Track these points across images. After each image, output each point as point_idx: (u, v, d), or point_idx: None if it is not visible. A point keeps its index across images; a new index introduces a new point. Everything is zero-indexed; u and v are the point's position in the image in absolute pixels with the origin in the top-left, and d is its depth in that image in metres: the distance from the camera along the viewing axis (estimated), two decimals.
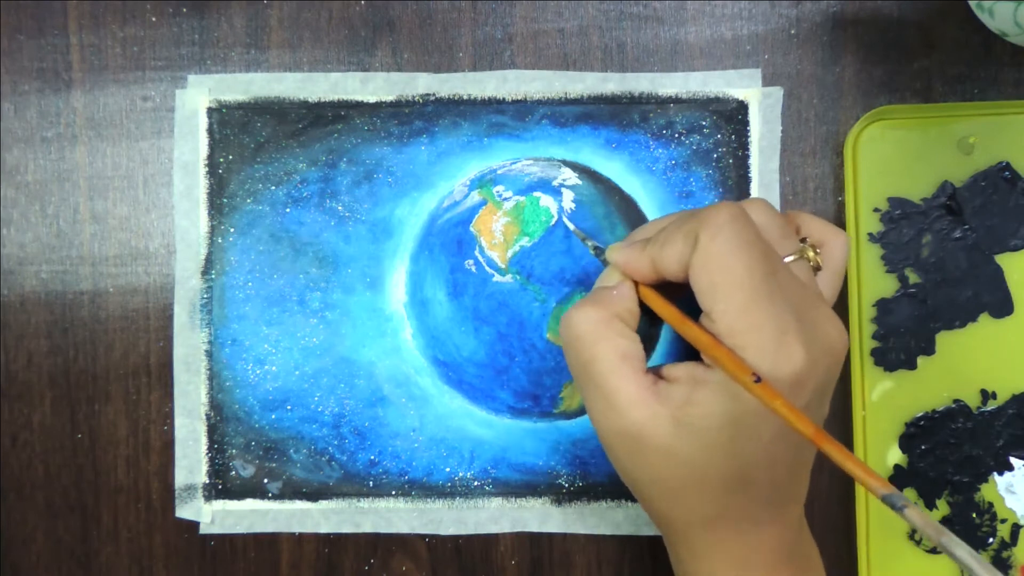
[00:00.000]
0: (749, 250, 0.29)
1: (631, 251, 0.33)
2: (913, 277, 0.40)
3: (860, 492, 0.39)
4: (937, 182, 0.40)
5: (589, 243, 0.38)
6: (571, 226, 0.39)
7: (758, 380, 0.28)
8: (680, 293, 0.32)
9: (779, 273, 0.30)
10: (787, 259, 0.32)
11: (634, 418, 0.30)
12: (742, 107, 0.40)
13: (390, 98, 0.41)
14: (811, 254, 0.33)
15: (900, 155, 0.40)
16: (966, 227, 0.40)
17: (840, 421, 0.40)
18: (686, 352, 0.38)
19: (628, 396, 0.31)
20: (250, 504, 0.41)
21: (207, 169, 0.41)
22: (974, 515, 0.40)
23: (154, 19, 0.41)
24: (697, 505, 0.31)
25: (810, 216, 0.35)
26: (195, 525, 0.41)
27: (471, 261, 0.40)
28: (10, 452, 0.41)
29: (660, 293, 0.33)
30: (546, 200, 0.40)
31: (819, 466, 0.40)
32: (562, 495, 0.41)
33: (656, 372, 0.32)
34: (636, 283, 0.33)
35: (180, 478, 0.41)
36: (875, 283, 0.40)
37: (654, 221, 0.35)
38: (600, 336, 0.31)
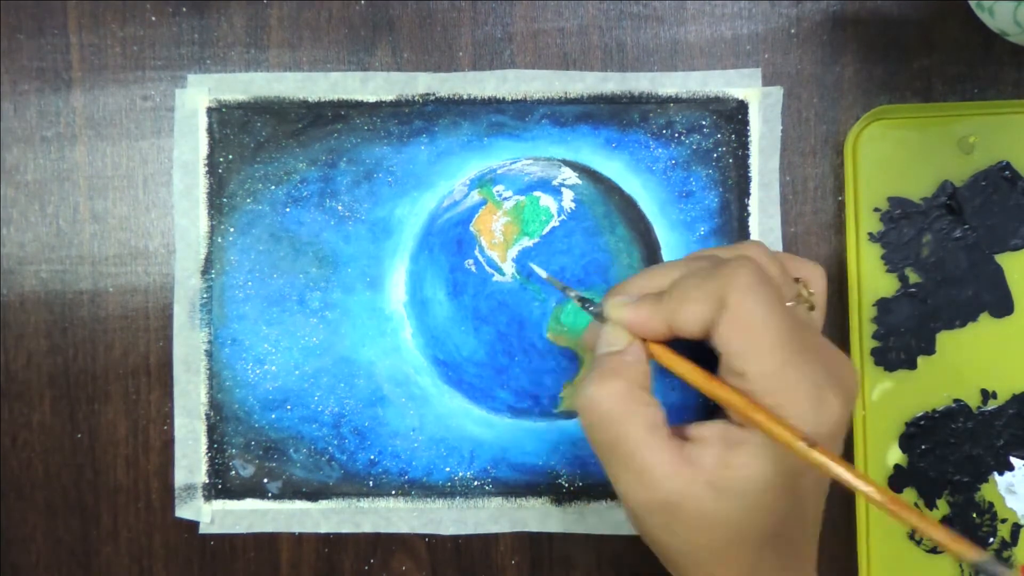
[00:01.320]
0: (779, 310, 0.29)
1: (642, 310, 0.31)
2: (913, 277, 0.40)
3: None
4: (937, 182, 0.40)
5: (572, 293, 0.34)
6: (543, 274, 0.38)
7: (812, 444, 0.28)
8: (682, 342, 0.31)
9: (803, 327, 0.30)
10: (787, 304, 0.31)
11: (669, 489, 0.29)
12: (742, 106, 0.40)
13: (390, 98, 0.41)
14: (805, 294, 0.33)
15: (900, 155, 0.40)
16: (966, 227, 0.40)
17: None
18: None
19: (662, 469, 0.29)
20: (250, 504, 0.41)
21: (207, 169, 0.41)
22: (974, 515, 0.40)
23: (154, 19, 0.41)
24: (733, 564, 0.30)
25: (789, 255, 0.35)
26: (195, 525, 0.41)
27: (471, 261, 0.40)
28: (10, 452, 0.41)
29: (671, 349, 0.31)
30: (546, 200, 0.40)
31: None
32: (562, 495, 0.41)
33: (679, 432, 0.31)
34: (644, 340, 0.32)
35: (180, 478, 0.41)
36: (875, 283, 0.40)
37: (658, 269, 0.33)
38: (626, 412, 0.30)
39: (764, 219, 0.40)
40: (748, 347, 0.29)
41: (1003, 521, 0.40)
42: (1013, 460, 0.40)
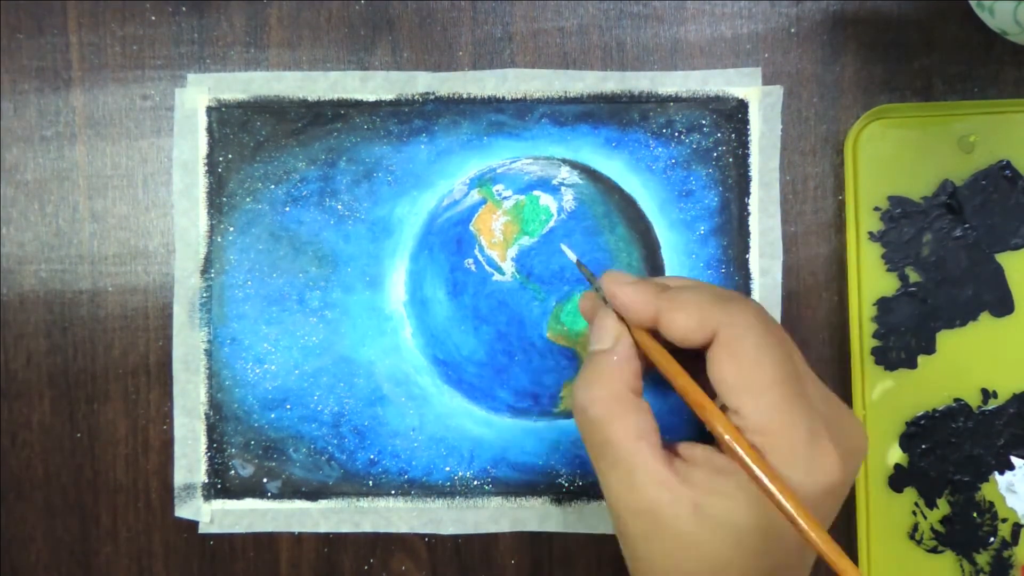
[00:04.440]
0: (781, 349, 0.28)
1: (640, 289, 0.30)
2: (914, 276, 0.40)
3: (860, 492, 0.39)
4: (937, 181, 0.40)
5: (587, 272, 0.34)
6: (572, 256, 0.35)
7: (786, 492, 0.26)
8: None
9: (805, 376, 0.29)
10: None
11: (654, 497, 0.28)
12: (742, 106, 0.40)
13: (390, 97, 0.41)
14: None
15: (900, 154, 0.40)
16: (966, 226, 0.40)
17: None
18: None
19: (647, 474, 0.28)
20: (249, 503, 0.41)
21: (206, 168, 0.41)
22: (975, 514, 0.40)
23: (154, 18, 0.41)
24: None
25: None
26: (194, 524, 0.41)
27: (471, 260, 0.40)
28: (10, 452, 0.41)
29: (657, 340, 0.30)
30: (546, 199, 0.40)
31: None
32: (562, 494, 0.40)
33: (671, 448, 0.30)
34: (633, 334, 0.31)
35: (179, 477, 0.41)
36: (875, 282, 0.40)
37: (665, 277, 0.33)
38: (613, 416, 0.29)
39: (764, 218, 0.40)
40: (742, 380, 0.28)
41: (1003, 521, 0.40)
42: (1013, 459, 0.40)
